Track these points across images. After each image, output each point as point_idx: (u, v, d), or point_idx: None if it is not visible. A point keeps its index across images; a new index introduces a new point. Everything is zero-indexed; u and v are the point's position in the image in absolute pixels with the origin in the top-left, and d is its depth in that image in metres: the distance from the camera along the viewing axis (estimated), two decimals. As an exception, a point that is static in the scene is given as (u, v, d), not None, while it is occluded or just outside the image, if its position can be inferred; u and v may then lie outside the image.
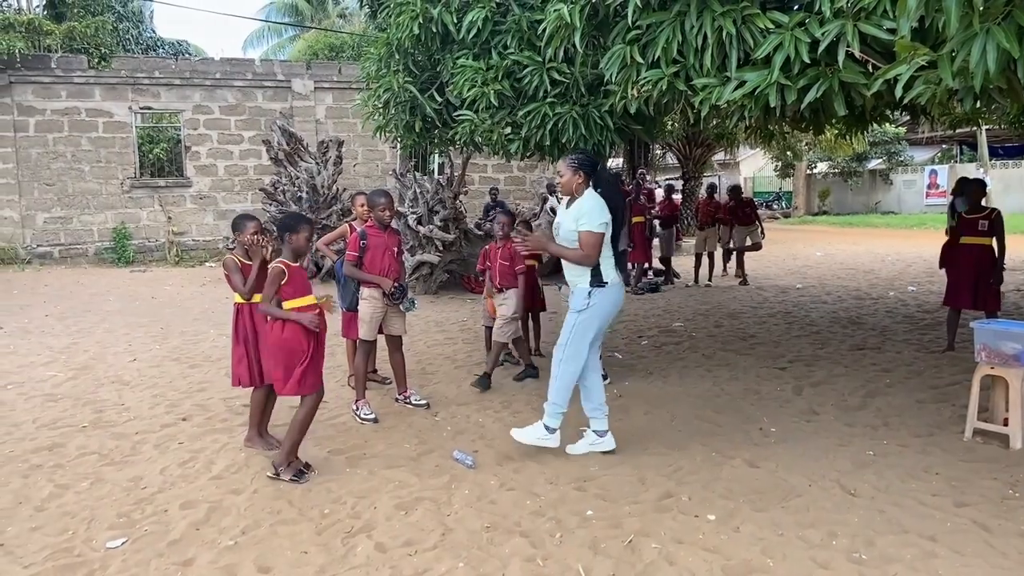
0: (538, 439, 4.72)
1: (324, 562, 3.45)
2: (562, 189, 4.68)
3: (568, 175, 4.58)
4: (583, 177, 4.57)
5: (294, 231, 4.46)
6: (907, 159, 32.68)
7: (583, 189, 4.58)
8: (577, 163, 4.58)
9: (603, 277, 4.54)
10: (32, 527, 3.84)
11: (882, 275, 13.37)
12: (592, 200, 4.52)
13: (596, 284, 4.53)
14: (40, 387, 6.54)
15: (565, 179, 4.60)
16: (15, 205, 16.47)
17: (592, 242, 4.44)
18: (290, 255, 4.50)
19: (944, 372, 6.48)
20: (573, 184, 4.58)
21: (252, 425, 4.99)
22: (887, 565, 3.27)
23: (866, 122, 7.21)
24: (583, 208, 4.51)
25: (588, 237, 4.45)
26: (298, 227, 4.50)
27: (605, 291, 4.55)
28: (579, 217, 4.49)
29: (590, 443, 4.78)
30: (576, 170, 4.56)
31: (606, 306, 4.60)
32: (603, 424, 4.77)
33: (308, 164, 14.03)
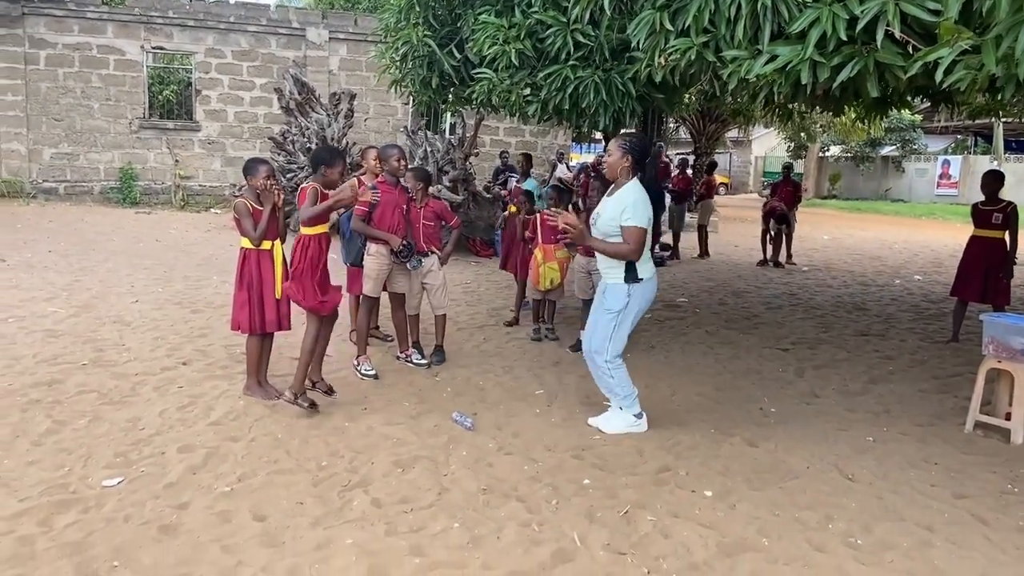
0: (628, 427, 4.61)
1: (320, 514, 3.44)
2: (607, 170, 4.52)
3: (616, 156, 4.41)
4: (631, 162, 4.40)
5: (329, 164, 4.70)
6: (921, 147, 32.41)
7: (628, 175, 4.41)
8: (628, 146, 4.40)
9: (638, 273, 4.41)
10: (28, 461, 3.83)
11: (889, 262, 13.30)
12: (637, 192, 4.35)
13: (631, 280, 4.40)
14: (41, 322, 6.52)
15: (612, 160, 4.43)
16: (23, 139, 16.34)
17: (639, 238, 4.29)
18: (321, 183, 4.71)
19: (947, 363, 6.45)
20: (619, 167, 4.41)
21: (251, 374, 4.98)
22: (883, 552, 3.27)
23: (887, 107, 7.09)
24: (627, 201, 4.33)
25: (635, 233, 4.29)
26: (333, 161, 4.74)
27: (641, 287, 4.43)
28: (623, 210, 4.32)
29: (628, 424, 4.64)
30: (626, 153, 4.39)
31: (641, 302, 4.49)
32: (637, 406, 4.66)
33: (319, 115, 13.87)
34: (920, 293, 10.12)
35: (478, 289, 9.23)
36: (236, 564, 2.99)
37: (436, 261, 5.92)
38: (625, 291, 4.43)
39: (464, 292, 9.01)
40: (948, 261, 13.71)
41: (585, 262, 6.55)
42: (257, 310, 4.79)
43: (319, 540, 3.21)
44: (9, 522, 3.22)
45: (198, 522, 3.32)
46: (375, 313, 6.21)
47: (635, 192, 4.37)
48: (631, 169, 4.41)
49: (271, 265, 4.80)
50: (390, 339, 6.37)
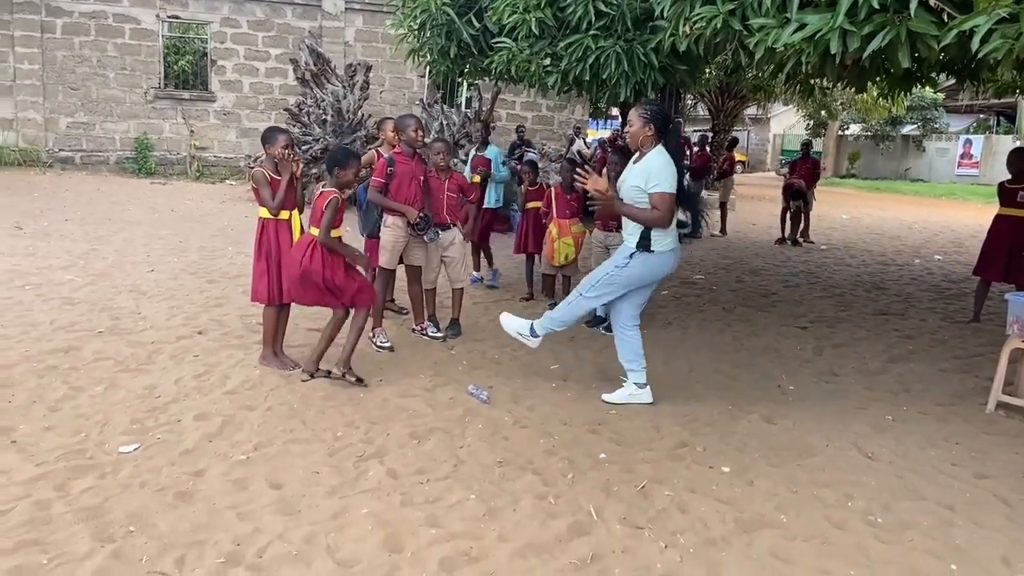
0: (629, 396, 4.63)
1: (336, 483, 3.44)
2: (629, 140, 4.45)
3: (638, 126, 4.33)
4: (653, 131, 4.31)
5: (343, 167, 4.63)
6: (942, 126, 31.94)
7: (651, 144, 4.33)
8: (650, 115, 4.31)
9: (651, 244, 4.33)
10: (45, 427, 3.84)
11: (908, 242, 13.15)
12: (662, 158, 4.27)
13: (642, 248, 4.33)
14: (58, 290, 6.54)
15: (634, 129, 4.35)
16: (39, 107, 16.35)
17: (667, 203, 4.22)
18: (335, 187, 4.64)
19: (968, 343, 6.37)
20: (641, 136, 4.33)
21: (266, 344, 4.97)
22: (903, 531, 3.23)
23: (912, 83, 6.95)
24: (652, 167, 4.26)
25: (663, 198, 4.22)
26: (347, 163, 4.67)
27: (648, 258, 4.35)
28: (649, 178, 4.25)
29: (630, 393, 4.65)
30: (648, 122, 4.30)
31: (643, 273, 4.41)
32: (642, 376, 4.64)
33: (334, 87, 13.79)
34: (940, 273, 9.99)
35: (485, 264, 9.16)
36: (252, 531, 2.99)
37: (458, 234, 5.88)
38: (628, 253, 4.39)
39: (479, 266, 8.95)
40: (969, 241, 13.55)
41: (603, 236, 6.49)
42: (275, 280, 4.77)
43: (335, 509, 3.20)
44: (26, 486, 3.23)
45: (214, 489, 3.32)
46: (391, 286, 6.18)
47: (660, 157, 4.29)
48: (654, 138, 4.32)
49: (289, 235, 4.78)
50: (405, 312, 6.35)
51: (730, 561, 2.95)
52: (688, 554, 2.99)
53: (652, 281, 4.56)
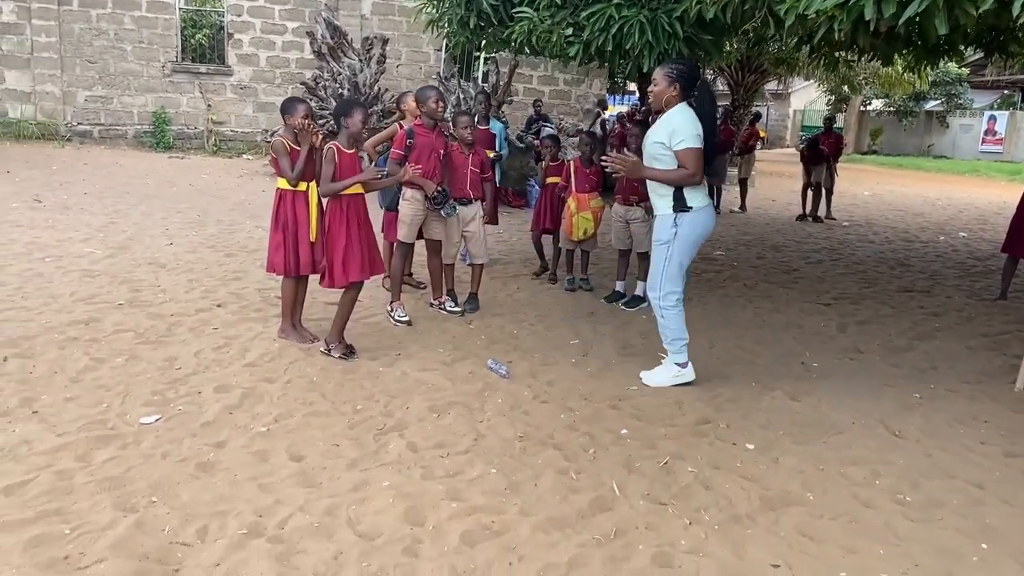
0: (673, 378, 4.48)
1: (356, 456, 3.42)
2: (652, 100, 4.29)
3: (663, 85, 4.17)
4: (678, 91, 4.15)
5: (348, 115, 4.56)
6: (966, 102, 31.39)
7: (674, 104, 4.18)
8: (676, 74, 4.14)
9: (686, 201, 4.20)
10: (67, 397, 3.84)
11: (932, 219, 12.96)
12: (686, 114, 4.12)
13: (680, 209, 4.21)
14: (78, 262, 6.55)
15: (658, 88, 4.19)
16: (57, 80, 16.34)
17: (695, 158, 4.08)
18: (346, 141, 4.60)
19: (996, 320, 6.26)
20: (665, 96, 4.18)
21: (285, 316, 4.95)
22: (933, 509, 3.17)
23: (939, 55, 6.79)
24: (675, 123, 4.12)
25: (690, 154, 4.08)
26: (351, 111, 4.58)
27: (690, 216, 4.22)
28: (673, 134, 4.11)
29: (673, 374, 4.51)
30: (672, 82, 4.14)
31: (693, 233, 4.27)
32: (683, 356, 4.51)
33: (351, 60, 13.69)
34: (966, 250, 9.84)
35: (510, 239, 9.12)
36: (274, 502, 2.98)
37: (479, 210, 5.82)
38: (672, 220, 4.24)
39: (497, 242, 8.90)
40: (993, 218, 13.35)
41: (623, 211, 6.41)
42: (292, 252, 4.74)
43: (356, 482, 3.18)
44: (47, 456, 3.23)
45: (235, 460, 3.30)
46: (409, 260, 6.14)
47: (684, 113, 4.14)
48: (678, 98, 4.17)
49: (306, 207, 4.74)
50: (423, 286, 6.32)
51: (756, 538, 2.91)
52: (713, 531, 2.95)
53: (700, 240, 4.38)
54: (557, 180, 6.93)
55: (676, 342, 4.45)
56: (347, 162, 4.57)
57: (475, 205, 5.79)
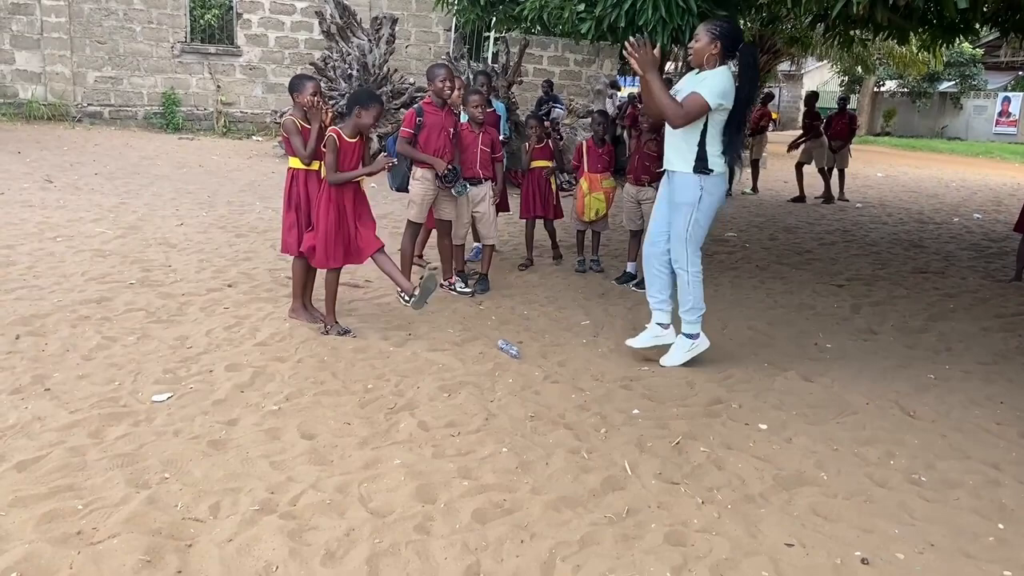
0: (687, 353, 4.43)
1: (367, 435, 3.41)
2: (693, 56, 4.16)
3: (704, 41, 4.06)
4: (719, 49, 4.04)
5: (365, 107, 4.51)
6: (980, 83, 31.03)
7: (715, 62, 4.07)
8: (718, 32, 4.04)
9: (708, 162, 4.11)
10: (79, 375, 3.85)
11: (946, 200, 12.84)
12: (722, 75, 4.02)
13: (702, 170, 4.11)
14: (89, 242, 6.55)
15: (699, 45, 4.08)
16: (67, 61, 16.32)
17: (695, 105, 3.97)
18: (349, 129, 4.56)
19: (1011, 301, 6.20)
20: (705, 53, 4.06)
21: (295, 296, 4.94)
22: (949, 489, 3.15)
23: (954, 34, 6.70)
24: (708, 77, 4.03)
25: (695, 100, 3.98)
26: (369, 104, 4.53)
27: (713, 179, 4.15)
28: (701, 81, 4.04)
29: (654, 335, 4.52)
30: (715, 39, 4.03)
31: (714, 197, 4.20)
32: (667, 317, 4.52)
33: (360, 41, 13.59)
34: (980, 231, 9.74)
35: (520, 220, 9.06)
36: (286, 479, 2.97)
37: (489, 190, 5.77)
38: (696, 182, 4.14)
39: (506, 223, 8.85)
40: (1008, 200, 13.23)
41: (635, 191, 6.36)
42: (305, 231, 4.72)
43: (367, 460, 3.18)
44: (60, 433, 3.24)
45: (247, 438, 3.30)
46: (422, 241, 6.11)
47: (720, 74, 4.02)
48: (719, 57, 4.06)
49: (319, 186, 4.71)
50: (434, 268, 6.30)
51: (769, 518, 2.89)
52: (726, 510, 2.93)
53: (718, 207, 4.30)
54: (544, 164, 6.70)
55: (694, 311, 4.41)
56: (348, 149, 4.53)
57: (485, 185, 5.75)
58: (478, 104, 5.65)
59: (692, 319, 4.43)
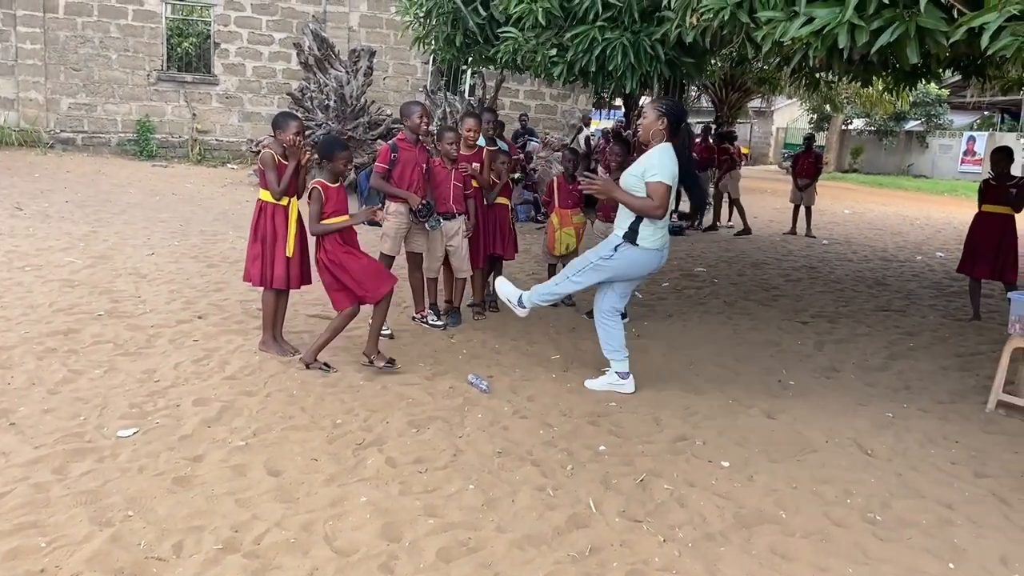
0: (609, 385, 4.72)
1: (334, 471, 3.43)
2: (641, 133, 4.49)
3: (651, 118, 4.36)
4: (665, 125, 4.34)
5: (331, 158, 4.67)
6: (946, 123, 31.84)
7: (661, 137, 4.36)
8: (665, 109, 4.35)
9: (637, 237, 4.36)
10: (44, 409, 3.83)
11: (910, 238, 13.13)
12: (665, 153, 4.32)
13: (628, 240, 4.39)
14: (58, 272, 6.52)
15: (647, 122, 4.39)
16: (40, 87, 16.26)
17: (662, 193, 4.24)
18: (328, 176, 4.70)
19: (969, 340, 6.36)
20: (653, 129, 4.36)
21: (266, 329, 4.96)
22: (902, 528, 3.23)
23: (918, 78, 6.93)
24: (653, 159, 4.31)
25: (659, 188, 4.25)
26: (335, 154, 4.68)
27: (632, 252, 4.39)
28: (648, 168, 4.29)
29: (610, 381, 4.72)
30: (661, 116, 4.33)
31: (628, 267, 4.47)
32: (624, 365, 4.69)
33: (338, 72, 13.71)
34: (942, 270, 9.97)
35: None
36: (250, 518, 2.98)
37: (462, 225, 5.83)
38: (613, 245, 4.44)
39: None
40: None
41: (604, 227, 6.45)
42: (268, 265, 4.76)
43: (333, 497, 3.20)
44: (24, 468, 3.22)
45: (212, 475, 3.31)
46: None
47: (663, 152, 4.32)
48: (665, 132, 4.35)
49: (285, 221, 4.76)
50: None
51: (729, 556, 2.95)
52: (687, 548, 2.99)
53: (636, 276, 4.63)
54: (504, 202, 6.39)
55: (615, 352, 4.67)
56: (334, 196, 4.66)
57: (458, 220, 5.82)
58: (452, 141, 5.72)
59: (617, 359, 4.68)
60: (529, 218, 11.76)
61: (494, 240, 6.27)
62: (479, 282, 6.23)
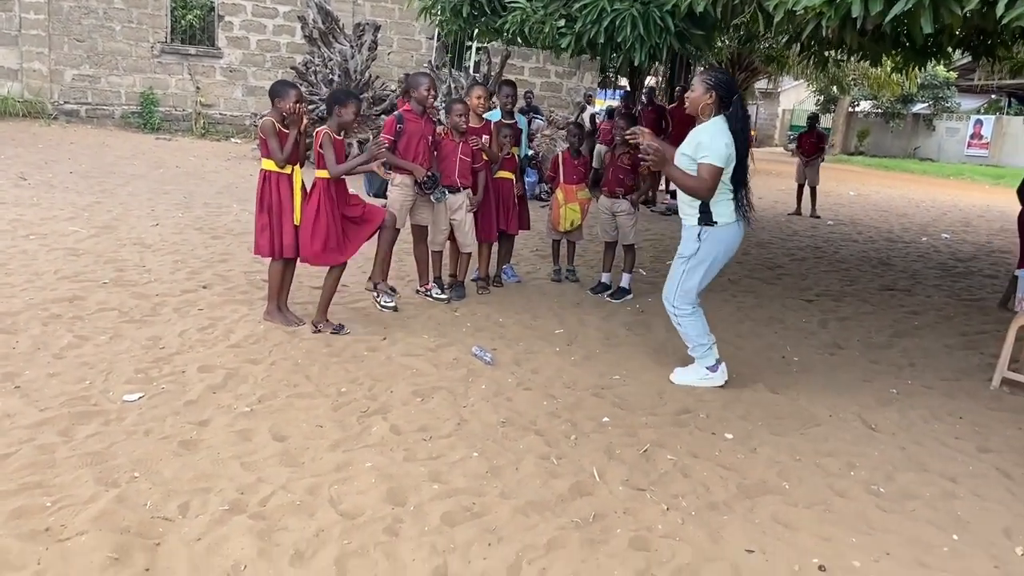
0: (700, 380, 4.44)
1: (339, 438, 3.44)
2: (688, 106, 4.25)
3: (699, 92, 4.12)
4: (715, 99, 4.09)
5: (342, 104, 4.68)
6: (953, 106, 31.63)
7: (710, 112, 4.13)
8: (714, 82, 4.08)
9: (713, 216, 4.17)
10: (49, 373, 3.84)
11: (916, 220, 13.08)
12: (718, 130, 4.07)
13: (705, 223, 4.19)
14: (63, 241, 6.51)
15: (695, 95, 4.15)
16: (44, 58, 16.18)
17: (713, 176, 4.04)
18: (336, 127, 4.71)
19: (974, 319, 6.35)
20: (701, 103, 4.12)
21: (271, 299, 4.95)
22: (906, 501, 3.23)
23: (927, 57, 6.88)
24: (704, 137, 4.08)
25: (708, 170, 4.03)
26: (346, 101, 4.70)
27: (715, 232, 4.20)
28: (700, 147, 4.08)
29: (700, 377, 4.48)
30: (710, 89, 4.09)
31: (717, 249, 4.24)
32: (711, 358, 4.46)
33: (342, 46, 13.63)
34: (947, 251, 9.95)
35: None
36: (256, 480, 3.00)
37: (466, 199, 5.81)
38: (696, 235, 4.23)
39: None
40: (976, 221, 13.51)
41: (609, 203, 6.43)
42: (276, 234, 4.75)
43: (338, 462, 3.21)
44: (30, 430, 3.23)
45: (218, 439, 3.32)
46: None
47: (714, 128, 4.08)
48: (715, 107, 4.11)
49: (290, 190, 4.75)
50: None
51: (732, 525, 2.95)
52: (690, 516, 3.00)
53: (724, 258, 4.35)
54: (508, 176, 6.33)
55: (699, 348, 4.45)
56: (339, 146, 4.67)
57: (463, 193, 5.80)
58: (461, 113, 5.68)
59: (700, 353, 4.47)
60: (533, 196, 11.73)
61: (498, 215, 6.25)
62: (485, 256, 6.23)
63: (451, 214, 5.76)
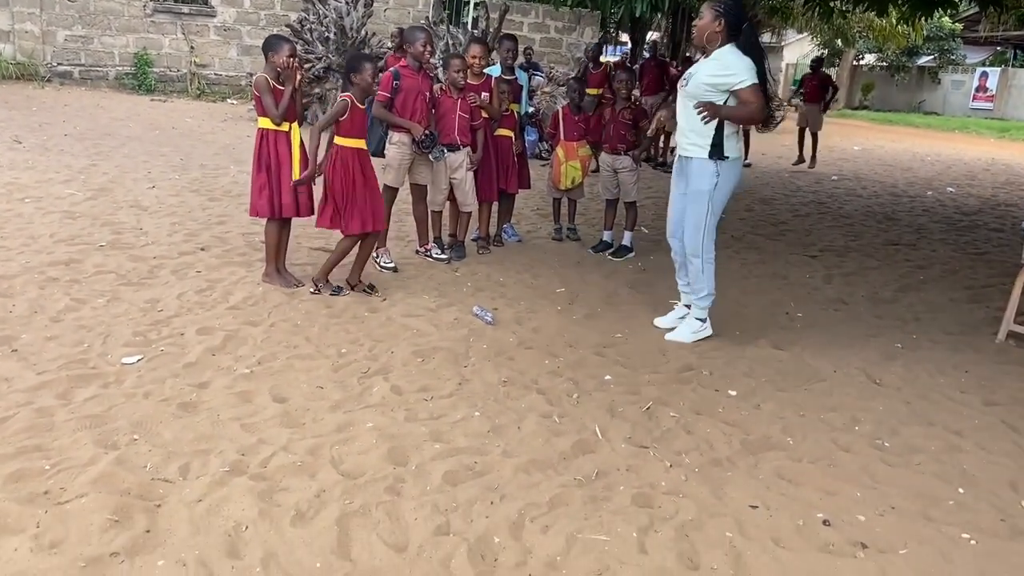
0: (694, 334, 4.41)
1: (340, 398, 3.41)
2: (695, 34, 4.11)
3: (707, 19, 3.97)
4: (722, 27, 3.95)
5: (357, 71, 4.60)
6: (959, 58, 31.18)
7: (718, 42, 3.99)
8: (723, 9, 3.94)
9: (724, 149, 4.09)
10: (47, 336, 3.81)
11: (920, 174, 12.95)
12: (736, 56, 3.95)
13: (718, 156, 4.10)
14: (58, 204, 6.44)
15: (702, 23, 4.00)
16: (36, 19, 15.89)
17: (760, 95, 3.93)
18: (359, 94, 4.63)
19: (980, 273, 6.30)
20: (708, 31, 3.98)
21: (269, 260, 4.90)
22: (911, 454, 3.21)
23: (933, 7, 6.74)
24: (730, 62, 3.95)
25: (754, 91, 3.93)
26: (362, 66, 4.62)
27: (728, 164, 4.14)
28: (727, 75, 3.95)
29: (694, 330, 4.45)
30: (718, 16, 3.94)
31: (730, 183, 4.20)
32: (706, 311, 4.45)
33: (337, 3, 13.37)
34: (952, 205, 9.85)
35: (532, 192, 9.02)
36: (257, 442, 2.97)
37: (466, 157, 5.71)
38: (713, 168, 4.13)
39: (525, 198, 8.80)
40: (982, 175, 13.38)
41: (611, 160, 6.34)
42: (276, 193, 4.68)
43: (339, 423, 3.18)
44: (27, 394, 3.20)
45: (218, 401, 3.29)
46: None
47: (733, 55, 3.96)
48: (723, 36, 3.98)
49: (288, 147, 4.67)
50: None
51: (736, 480, 2.94)
52: (693, 473, 2.98)
53: (728, 195, 4.29)
54: (507, 133, 6.18)
55: (707, 297, 4.43)
56: (359, 117, 4.61)
57: (463, 151, 5.70)
58: (459, 69, 5.56)
59: (705, 304, 4.45)
60: (534, 155, 11.59)
61: (498, 173, 6.14)
62: (485, 215, 6.16)
63: (451, 173, 5.67)
